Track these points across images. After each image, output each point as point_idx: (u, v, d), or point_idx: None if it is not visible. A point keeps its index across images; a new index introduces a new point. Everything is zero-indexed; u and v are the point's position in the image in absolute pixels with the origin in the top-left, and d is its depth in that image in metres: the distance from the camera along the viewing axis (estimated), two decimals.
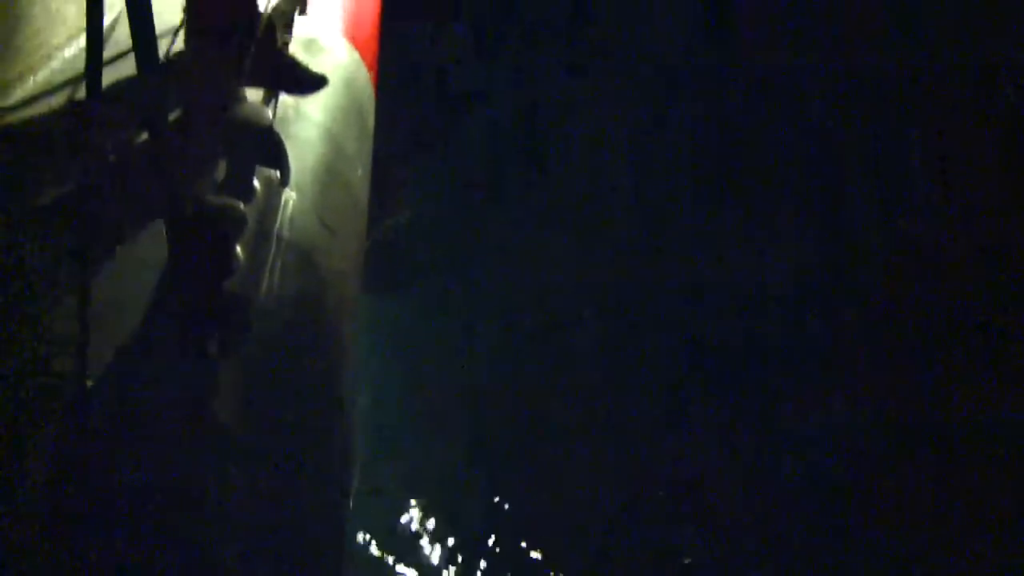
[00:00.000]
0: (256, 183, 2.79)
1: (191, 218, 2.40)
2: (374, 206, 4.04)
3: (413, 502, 6.05)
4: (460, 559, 5.97)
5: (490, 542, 6.07)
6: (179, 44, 3.21)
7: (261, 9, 3.26)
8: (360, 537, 5.72)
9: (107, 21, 3.23)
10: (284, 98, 3.23)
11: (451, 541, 5.99)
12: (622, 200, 8.12)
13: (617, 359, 7.71)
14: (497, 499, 6.24)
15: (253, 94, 3.13)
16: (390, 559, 5.81)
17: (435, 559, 5.87)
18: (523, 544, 6.12)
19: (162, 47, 3.00)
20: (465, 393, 6.52)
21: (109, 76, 3.06)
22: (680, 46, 8.90)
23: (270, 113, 2.86)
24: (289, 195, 2.88)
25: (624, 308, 7.97)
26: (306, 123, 3.21)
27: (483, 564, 5.98)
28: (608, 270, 7.71)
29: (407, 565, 5.80)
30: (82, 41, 3.33)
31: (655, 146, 8.65)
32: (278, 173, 2.86)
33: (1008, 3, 7.73)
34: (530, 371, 6.78)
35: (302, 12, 3.68)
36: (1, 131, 2.93)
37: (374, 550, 5.77)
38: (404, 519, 5.99)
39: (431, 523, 6.02)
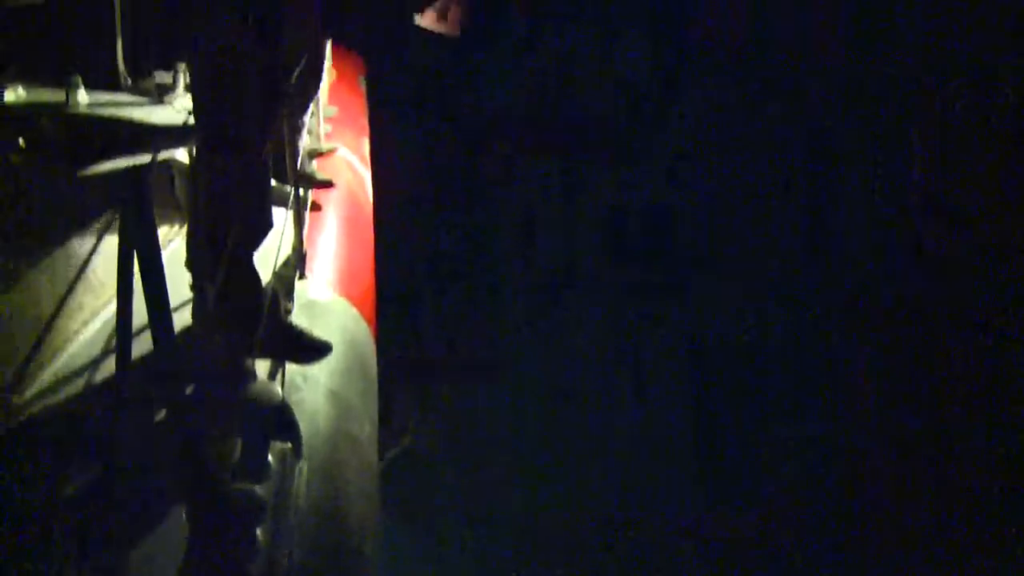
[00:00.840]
0: (270, 458, 2.88)
1: (212, 505, 2.49)
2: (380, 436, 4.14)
3: None
4: None
5: None
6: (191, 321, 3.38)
7: (263, 280, 3.46)
8: None
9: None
10: (291, 365, 3.37)
11: None
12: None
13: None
14: None
15: (261, 364, 3.27)
16: None
17: None
18: None
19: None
20: None
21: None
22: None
23: (280, 389, 2.98)
24: (302, 464, 2.97)
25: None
26: (313, 388, 3.33)
27: None
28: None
29: None
30: (95, 326, 3.51)
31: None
32: (291, 445, 2.96)
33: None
34: None
35: (301, 276, 3.88)
36: (21, 424, 3.04)
37: None
38: None
39: None
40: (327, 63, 4.56)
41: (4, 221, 3.69)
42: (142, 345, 3.22)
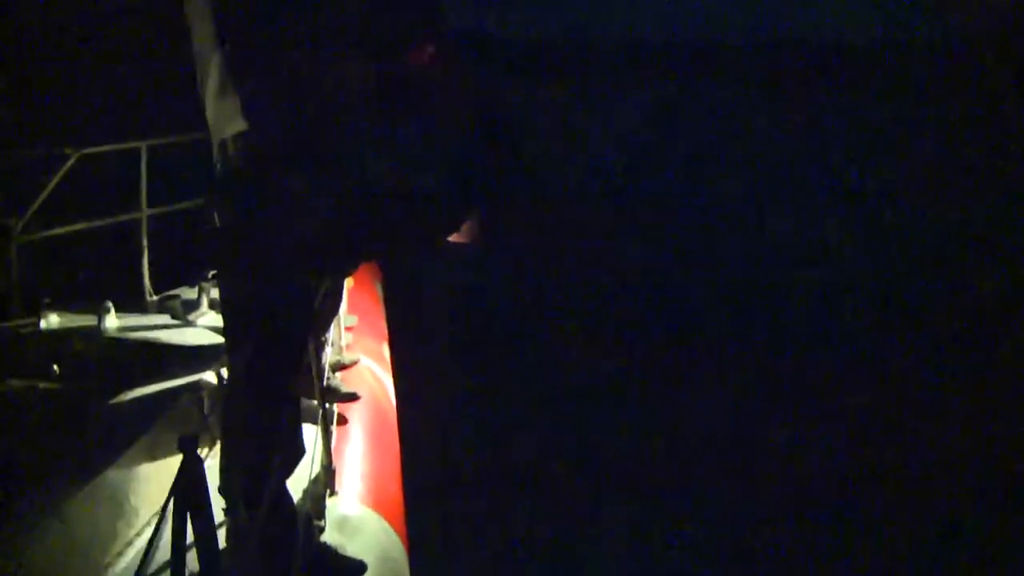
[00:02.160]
0: None
1: None
2: None
3: None
4: None
5: None
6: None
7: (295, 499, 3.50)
8: None
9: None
10: None
11: None
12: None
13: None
14: None
15: None
16: None
17: None
18: None
19: None
20: None
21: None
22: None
23: None
24: None
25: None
26: None
27: None
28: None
29: None
30: (128, 557, 3.53)
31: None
32: None
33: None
34: None
35: (332, 493, 3.92)
36: None
37: None
38: None
39: None
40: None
41: (40, 449, 3.78)
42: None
